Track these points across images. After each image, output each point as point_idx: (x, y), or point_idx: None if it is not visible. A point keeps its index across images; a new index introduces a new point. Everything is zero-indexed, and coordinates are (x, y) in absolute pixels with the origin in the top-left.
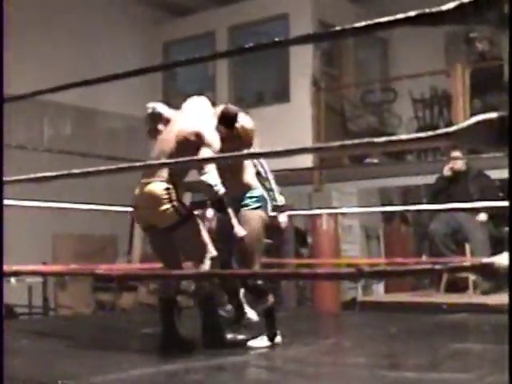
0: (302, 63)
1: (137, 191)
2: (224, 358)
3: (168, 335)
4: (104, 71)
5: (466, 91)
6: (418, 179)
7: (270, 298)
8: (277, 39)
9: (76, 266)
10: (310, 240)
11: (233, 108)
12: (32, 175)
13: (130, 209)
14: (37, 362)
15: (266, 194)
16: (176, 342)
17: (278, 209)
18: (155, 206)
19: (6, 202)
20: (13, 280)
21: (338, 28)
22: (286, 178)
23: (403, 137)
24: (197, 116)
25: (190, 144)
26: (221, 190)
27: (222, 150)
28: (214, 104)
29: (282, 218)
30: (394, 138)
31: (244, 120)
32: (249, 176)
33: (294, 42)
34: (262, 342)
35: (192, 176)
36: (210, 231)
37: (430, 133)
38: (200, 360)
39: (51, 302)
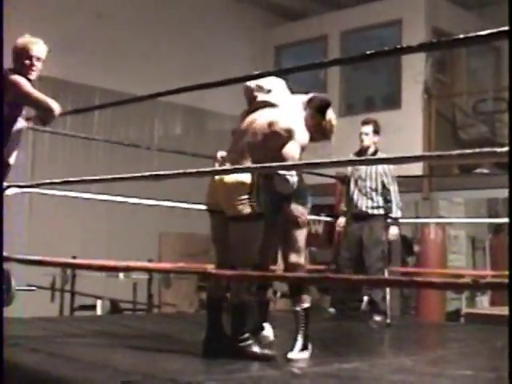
0: (415, 70)
1: (217, 176)
2: (330, 366)
3: (212, 336)
4: (216, 73)
5: None
6: None
7: (308, 299)
8: (398, 46)
9: (184, 264)
10: (416, 248)
11: (327, 97)
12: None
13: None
14: (140, 357)
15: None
16: (219, 344)
17: (392, 220)
18: (232, 192)
19: (114, 198)
20: (121, 275)
21: (459, 36)
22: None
23: None
24: (288, 108)
25: (279, 138)
26: (295, 184)
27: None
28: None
29: (393, 231)
30: None
31: (333, 115)
32: None
33: (412, 50)
34: (301, 353)
35: None
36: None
37: None
38: (310, 366)
39: (155, 300)
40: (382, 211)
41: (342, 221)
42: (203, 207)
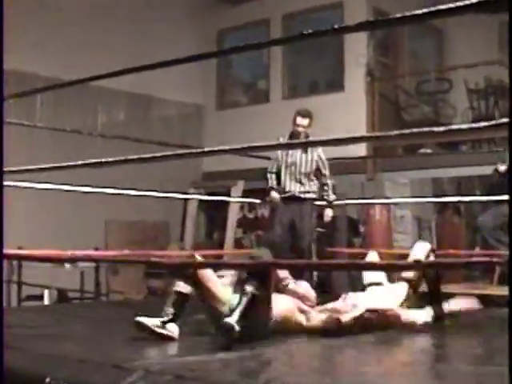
0: (357, 52)
1: None
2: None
3: None
4: (158, 59)
5: None
6: (472, 170)
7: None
8: (335, 26)
9: (129, 251)
10: (362, 229)
11: None
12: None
13: (182, 195)
14: (89, 345)
15: None
16: None
17: (327, 203)
18: None
19: (60, 186)
20: (67, 265)
21: (396, 15)
22: (339, 167)
23: (463, 126)
24: None
25: None
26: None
27: None
28: None
29: (328, 213)
30: (453, 127)
31: None
32: None
33: (351, 30)
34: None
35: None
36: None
37: (489, 122)
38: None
39: (103, 288)
40: (312, 195)
41: (275, 196)
42: (150, 194)
